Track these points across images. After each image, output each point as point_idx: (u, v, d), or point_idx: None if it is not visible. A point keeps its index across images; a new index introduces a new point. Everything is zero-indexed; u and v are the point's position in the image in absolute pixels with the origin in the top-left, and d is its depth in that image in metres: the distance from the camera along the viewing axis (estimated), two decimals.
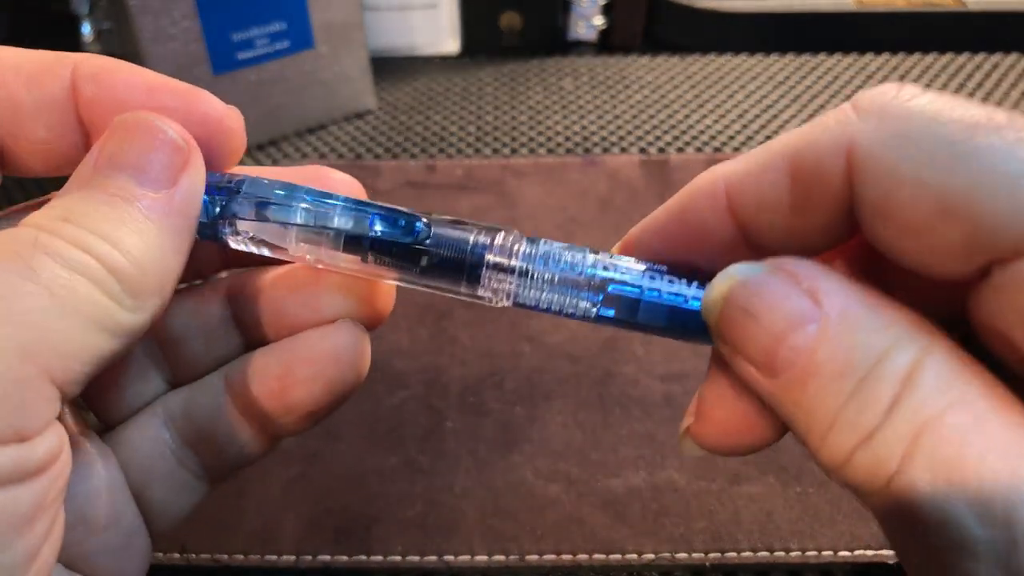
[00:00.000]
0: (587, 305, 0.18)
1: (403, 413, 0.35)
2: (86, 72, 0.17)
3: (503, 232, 0.18)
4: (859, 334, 0.15)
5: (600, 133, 0.53)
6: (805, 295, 0.15)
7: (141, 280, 0.15)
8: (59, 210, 0.15)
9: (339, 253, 0.18)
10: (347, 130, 0.54)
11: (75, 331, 0.14)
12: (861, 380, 0.14)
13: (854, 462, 0.14)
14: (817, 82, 0.58)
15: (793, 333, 0.15)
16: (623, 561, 0.29)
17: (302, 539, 0.30)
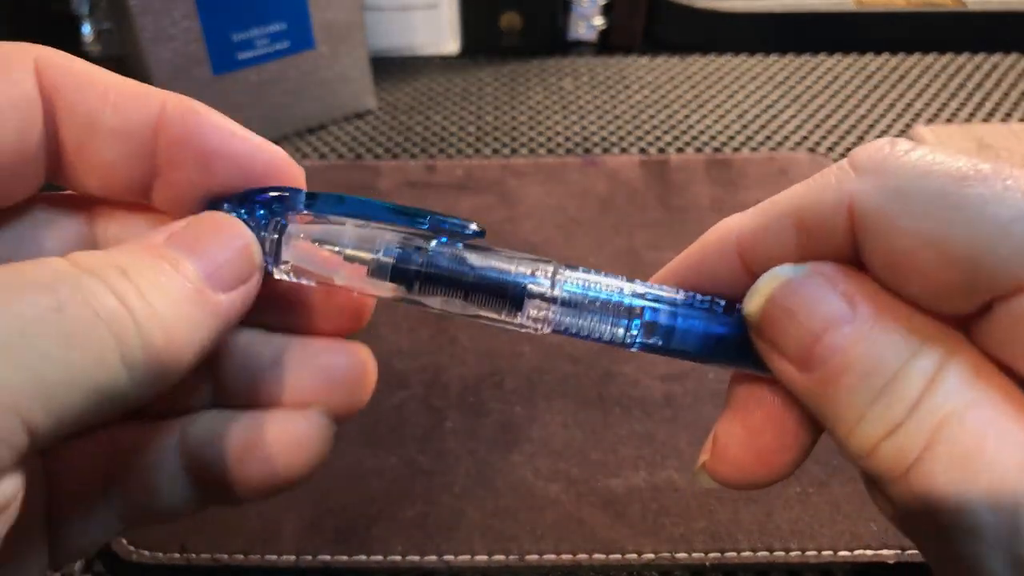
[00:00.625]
0: (623, 332, 0.19)
1: (403, 413, 0.35)
2: (175, 111, 0.18)
3: (544, 263, 0.19)
4: (889, 337, 0.16)
5: (600, 133, 0.53)
6: (842, 298, 0.17)
7: (161, 356, 0.15)
8: (118, 259, 0.15)
9: (386, 283, 0.18)
10: (347, 130, 0.54)
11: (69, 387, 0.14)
12: (890, 379, 0.16)
13: (879, 452, 0.16)
14: (817, 82, 0.58)
15: (830, 332, 0.16)
16: (623, 561, 0.29)
17: (302, 539, 0.30)
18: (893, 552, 0.29)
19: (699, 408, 0.34)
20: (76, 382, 0.14)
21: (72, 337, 0.14)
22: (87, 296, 0.14)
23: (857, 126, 0.53)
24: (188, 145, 0.18)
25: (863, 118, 0.54)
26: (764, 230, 0.18)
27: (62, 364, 0.13)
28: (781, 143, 0.51)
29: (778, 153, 0.50)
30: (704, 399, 0.35)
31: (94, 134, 0.17)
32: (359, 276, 0.18)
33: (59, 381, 0.13)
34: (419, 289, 0.18)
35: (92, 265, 0.15)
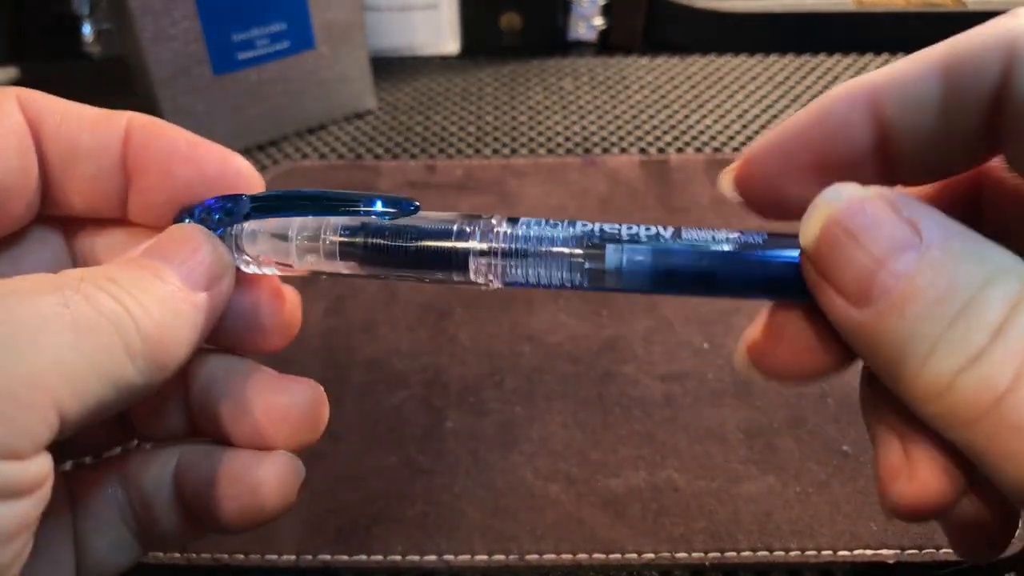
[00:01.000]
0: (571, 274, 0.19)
1: (403, 413, 0.35)
2: (138, 124, 0.20)
3: (484, 218, 0.20)
4: (961, 263, 0.14)
5: (600, 133, 0.53)
6: (906, 223, 0.15)
7: (158, 347, 0.17)
8: (104, 271, 0.17)
9: (337, 261, 0.20)
10: (347, 130, 0.54)
11: (87, 373, 0.15)
12: (965, 304, 0.14)
13: (958, 384, 0.14)
14: (817, 82, 0.58)
15: (894, 257, 0.15)
16: (623, 561, 0.29)
17: (302, 539, 0.30)
18: (893, 552, 0.29)
19: (699, 408, 0.34)
20: (92, 369, 0.15)
21: (82, 330, 0.15)
22: (87, 297, 0.16)
23: None
24: (149, 151, 0.20)
25: None
26: (904, 76, 0.16)
27: (79, 352, 0.15)
28: None
29: None
30: (704, 399, 0.35)
31: (75, 156, 0.20)
32: (314, 259, 0.20)
33: (79, 367, 0.15)
34: (370, 262, 0.20)
35: (84, 275, 0.16)
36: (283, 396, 0.20)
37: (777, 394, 0.35)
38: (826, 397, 0.35)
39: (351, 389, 0.36)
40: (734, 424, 0.34)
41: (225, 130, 0.50)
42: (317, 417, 0.21)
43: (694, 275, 0.18)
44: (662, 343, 0.37)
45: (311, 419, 0.21)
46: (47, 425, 0.14)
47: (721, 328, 0.38)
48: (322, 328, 0.39)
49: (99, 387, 0.15)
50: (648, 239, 0.19)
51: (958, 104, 0.16)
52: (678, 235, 0.19)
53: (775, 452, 0.33)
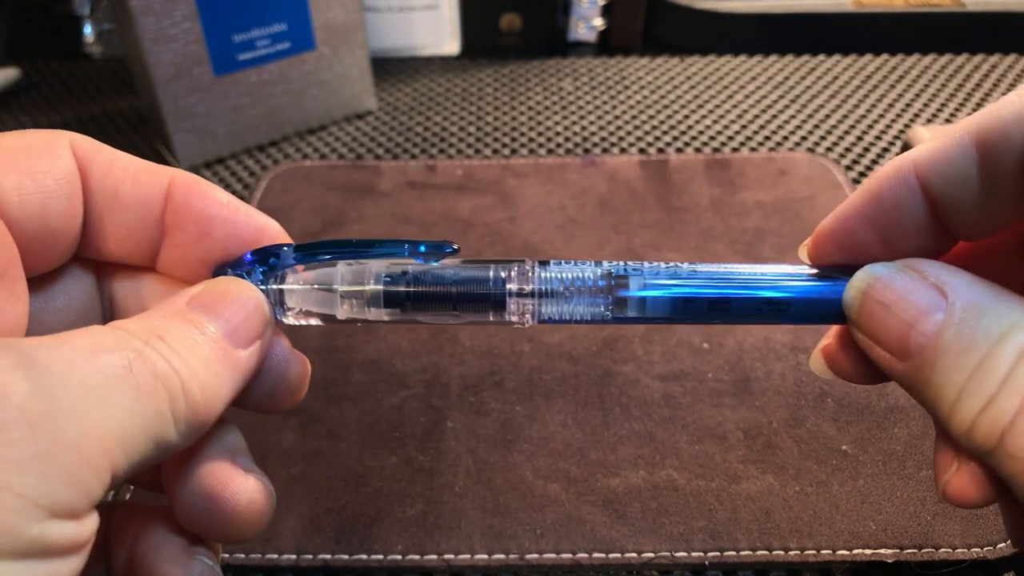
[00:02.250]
0: (601, 309, 0.21)
1: (403, 413, 0.35)
2: (181, 182, 0.21)
3: (518, 263, 0.21)
4: (981, 319, 0.17)
5: (600, 134, 0.53)
6: (932, 288, 0.18)
7: (199, 409, 0.17)
8: (154, 326, 0.17)
9: (381, 309, 0.21)
10: (347, 130, 0.54)
11: (140, 434, 0.16)
12: (983, 356, 0.17)
13: (977, 425, 0.17)
14: (816, 83, 0.58)
15: (923, 320, 0.18)
16: (623, 560, 0.29)
17: (303, 538, 0.30)
18: (892, 551, 0.29)
19: (698, 408, 0.34)
20: (144, 431, 0.16)
21: (140, 392, 0.16)
22: (146, 359, 0.16)
23: (856, 126, 0.53)
24: (190, 209, 0.20)
25: (862, 118, 0.54)
26: (944, 152, 0.19)
27: (135, 415, 0.15)
28: (780, 143, 0.52)
29: (777, 153, 0.50)
30: (703, 399, 0.35)
31: (116, 204, 0.20)
32: (357, 308, 0.21)
33: (134, 429, 0.15)
34: (411, 308, 0.21)
35: (137, 331, 0.17)
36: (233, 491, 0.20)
37: (776, 394, 0.35)
38: (826, 397, 0.35)
39: (351, 389, 0.36)
40: (734, 424, 0.34)
41: (225, 130, 0.50)
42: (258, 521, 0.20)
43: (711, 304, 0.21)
44: (662, 343, 0.37)
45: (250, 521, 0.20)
46: (103, 484, 0.15)
47: (720, 328, 0.38)
48: (322, 328, 0.39)
49: (145, 446, 0.16)
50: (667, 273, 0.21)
51: (996, 170, 0.18)
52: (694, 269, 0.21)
53: (774, 452, 0.33)
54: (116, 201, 0.20)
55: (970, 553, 0.29)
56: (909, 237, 0.20)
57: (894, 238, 0.20)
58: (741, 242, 0.43)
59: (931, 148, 0.19)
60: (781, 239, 0.43)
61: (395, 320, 0.21)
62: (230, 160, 0.51)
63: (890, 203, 0.19)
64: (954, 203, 0.19)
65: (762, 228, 0.44)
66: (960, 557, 0.29)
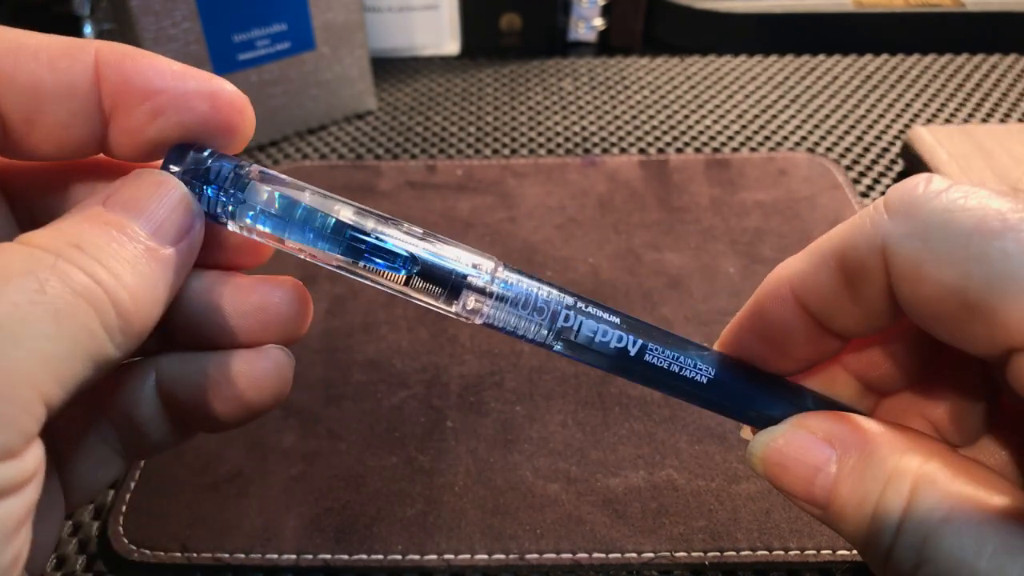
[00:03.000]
0: (546, 333, 0.20)
1: (403, 413, 0.35)
2: (109, 58, 0.18)
3: (487, 258, 0.20)
4: (868, 468, 0.18)
5: (600, 134, 0.53)
6: (822, 442, 0.19)
7: (133, 317, 0.16)
8: (69, 236, 0.16)
9: (332, 254, 0.19)
10: (347, 130, 0.54)
11: (69, 358, 0.15)
12: (875, 506, 0.17)
13: (888, 566, 0.17)
14: (816, 82, 0.58)
15: (818, 476, 0.19)
16: (623, 560, 0.29)
17: (302, 538, 0.30)
18: None
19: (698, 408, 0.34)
20: (72, 352, 0.15)
21: (60, 314, 0.15)
22: (61, 276, 0.15)
23: (856, 126, 0.53)
24: (129, 88, 0.18)
25: (862, 118, 0.54)
26: (813, 275, 0.19)
27: (59, 339, 0.15)
28: (780, 143, 0.52)
29: (777, 153, 0.50)
30: None
31: (40, 98, 0.17)
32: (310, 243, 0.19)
33: (59, 354, 0.15)
34: (364, 265, 0.19)
35: (49, 245, 0.16)
36: (273, 293, 0.20)
37: None
38: None
39: (351, 389, 0.36)
40: (734, 424, 0.34)
41: None
42: (304, 308, 0.21)
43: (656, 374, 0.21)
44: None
45: (299, 311, 0.20)
46: (35, 418, 0.14)
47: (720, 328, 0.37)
48: (322, 328, 0.39)
49: (80, 368, 0.15)
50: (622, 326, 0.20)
51: (860, 293, 0.18)
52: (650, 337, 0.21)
53: None
54: (38, 95, 0.17)
55: None
56: (801, 346, 0.20)
57: (786, 348, 0.20)
58: (741, 242, 0.43)
59: (802, 267, 0.19)
60: (781, 239, 0.43)
61: (342, 267, 0.20)
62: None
63: (774, 320, 0.20)
64: (831, 316, 0.19)
65: (762, 228, 0.43)
66: None
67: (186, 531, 0.30)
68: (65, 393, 0.15)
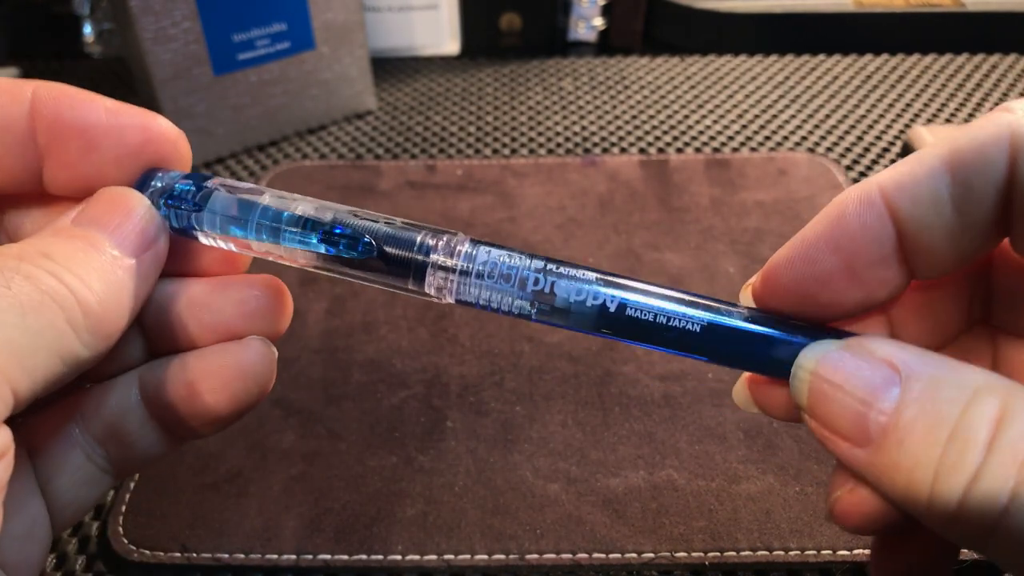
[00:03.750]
0: (525, 305, 0.19)
1: (403, 413, 0.35)
2: (46, 96, 0.19)
3: (448, 235, 0.20)
4: (942, 389, 0.16)
5: (600, 133, 0.53)
6: (883, 363, 0.17)
7: (101, 320, 0.17)
8: (38, 247, 0.17)
9: (297, 250, 0.20)
10: (347, 130, 0.54)
11: (36, 351, 0.15)
12: (954, 427, 0.15)
13: (967, 502, 0.15)
14: (816, 82, 0.58)
15: (879, 396, 0.16)
16: (623, 560, 0.29)
17: (302, 538, 0.30)
18: None
19: (698, 408, 0.34)
20: (39, 345, 0.16)
21: (25, 308, 0.15)
22: (26, 276, 0.16)
23: (856, 126, 0.53)
24: (65, 127, 0.19)
25: (862, 118, 0.54)
26: (914, 175, 0.17)
27: (24, 330, 0.15)
28: (781, 143, 0.52)
29: (777, 153, 0.50)
30: (703, 398, 0.35)
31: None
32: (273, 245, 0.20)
33: (26, 345, 0.15)
34: (330, 258, 0.20)
35: (17, 254, 0.16)
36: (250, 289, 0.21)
37: None
38: None
39: (351, 389, 0.36)
40: (734, 424, 0.34)
41: (225, 130, 0.50)
42: (282, 301, 0.21)
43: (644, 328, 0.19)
44: None
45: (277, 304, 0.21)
46: (3, 401, 0.15)
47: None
48: (322, 328, 0.39)
49: (48, 362, 0.16)
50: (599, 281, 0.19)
51: (968, 198, 0.17)
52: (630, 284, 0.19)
53: (775, 452, 0.33)
54: None
55: (970, 553, 0.29)
56: (873, 267, 0.18)
57: (858, 268, 0.18)
58: (741, 242, 0.43)
59: (899, 172, 0.18)
60: (781, 239, 0.43)
61: (312, 265, 0.20)
62: (230, 160, 0.51)
63: (855, 228, 0.18)
64: (923, 229, 0.18)
65: (762, 228, 0.43)
66: (960, 557, 0.29)
67: (186, 531, 0.30)
68: (34, 385, 0.15)
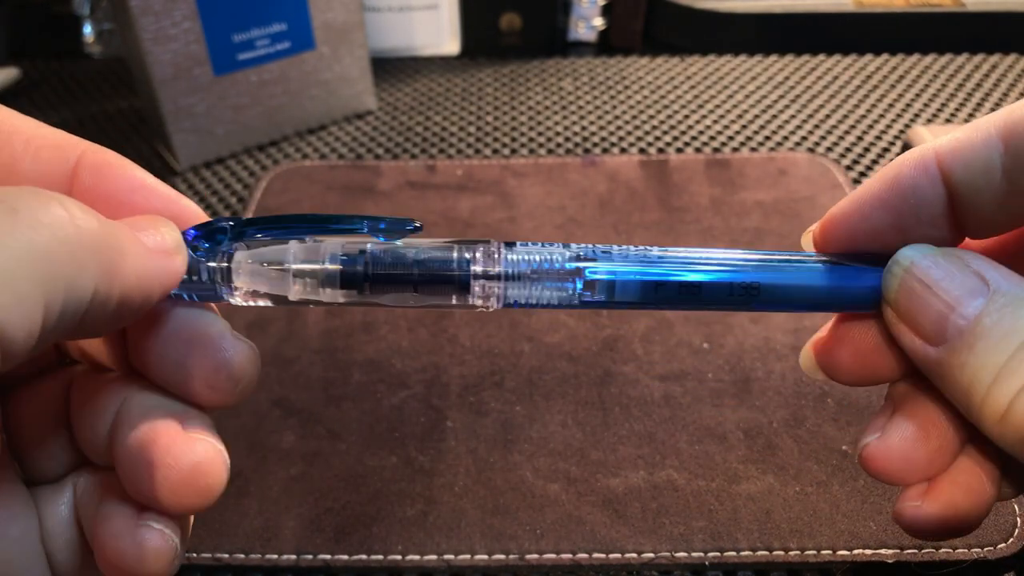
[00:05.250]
0: (569, 293, 0.20)
1: (403, 413, 0.35)
2: (91, 162, 0.18)
3: (483, 244, 0.20)
4: (1022, 308, 0.17)
5: (600, 133, 0.53)
6: (974, 275, 0.18)
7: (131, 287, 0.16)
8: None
9: (337, 290, 0.19)
10: (347, 130, 0.54)
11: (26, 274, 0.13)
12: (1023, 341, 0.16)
13: (1014, 408, 0.16)
14: (817, 82, 0.58)
15: (964, 303, 0.17)
16: (623, 560, 0.29)
17: (302, 538, 0.30)
18: (892, 551, 0.29)
19: (698, 408, 0.34)
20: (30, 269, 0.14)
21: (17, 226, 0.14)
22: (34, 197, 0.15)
23: (856, 126, 0.53)
24: (99, 192, 0.18)
25: (862, 118, 0.54)
26: (969, 142, 0.18)
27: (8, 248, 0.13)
28: (781, 143, 0.52)
29: (777, 153, 0.50)
30: (703, 398, 0.35)
31: (11, 179, 0.18)
32: (310, 288, 0.19)
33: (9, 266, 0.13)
34: (369, 291, 0.19)
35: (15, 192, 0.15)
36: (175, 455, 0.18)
37: (777, 394, 0.35)
38: (826, 397, 0.35)
39: (351, 389, 0.36)
40: (734, 424, 0.34)
41: (225, 130, 0.50)
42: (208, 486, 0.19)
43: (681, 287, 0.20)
44: (662, 343, 0.37)
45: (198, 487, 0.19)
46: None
47: (720, 328, 0.38)
48: (322, 328, 0.39)
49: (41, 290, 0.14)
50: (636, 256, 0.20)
51: (1018, 167, 0.18)
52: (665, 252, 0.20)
53: (775, 452, 0.33)
54: (12, 177, 0.18)
55: (970, 553, 0.29)
56: (923, 227, 0.19)
57: (908, 226, 0.20)
58: (741, 242, 0.43)
59: (955, 138, 0.19)
60: (781, 239, 0.43)
61: (351, 302, 0.20)
62: (230, 160, 0.51)
63: (909, 189, 0.19)
64: (974, 194, 0.19)
65: (762, 228, 0.43)
66: (960, 557, 0.29)
67: None
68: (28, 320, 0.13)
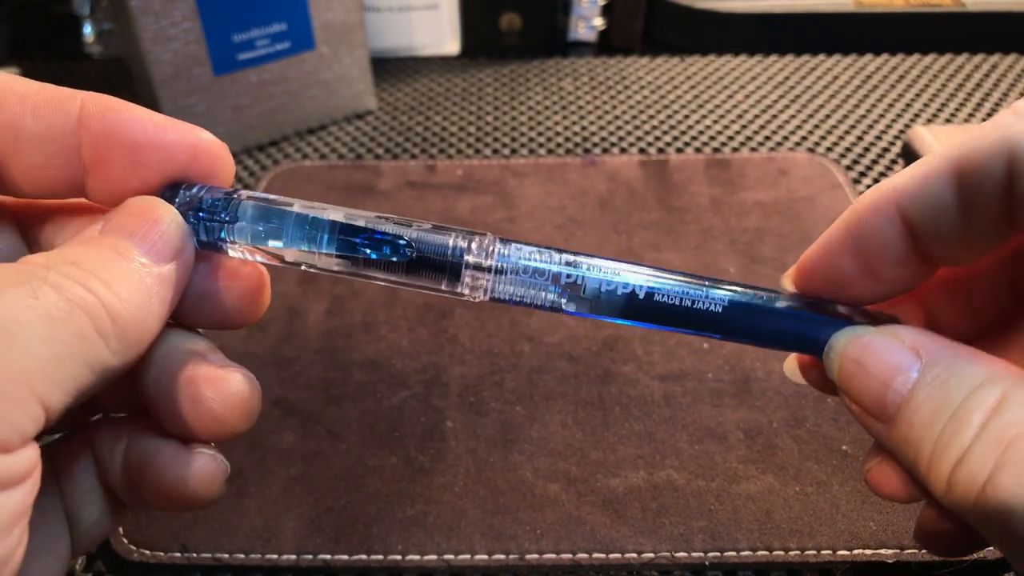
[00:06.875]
0: (554, 298, 0.21)
1: (403, 413, 0.35)
2: (93, 109, 0.19)
3: (480, 236, 0.20)
4: (953, 376, 0.17)
5: (600, 133, 0.53)
6: (907, 349, 0.18)
7: (130, 327, 0.17)
8: (65, 255, 0.17)
9: (332, 259, 0.20)
10: (347, 130, 0.54)
11: (65, 361, 0.15)
12: (955, 410, 0.17)
13: (953, 480, 0.17)
14: (817, 82, 0.58)
15: (897, 378, 0.18)
16: (623, 560, 0.29)
17: (302, 538, 0.30)
18: (892, 551, 0.29)
19: (698, 408, 0.34)
20: (69, 356, 0.15)
21: (54, 319, 0.15)
22: (54, 285, 0.16)
23: (856, 126, 0.53)
24: (111, 141, 0.19)
25: (862, 118, 0.54)
26: (922, 183, 0.19)
27: (53, 342, 0.15)
28: (781, 143, 0.51)
29: (778, 153, 0.50)
30: (703, 398, 0.35)
31: (18, 140, 0.18)
32: (308, 252, 0.20)
33: (54, 356, 0.15)
34: (363, 263, 0.20)
35: (44, 263, 0.16)
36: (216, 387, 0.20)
37: (777, 394, 0.35)
38: (826, 397, 0.35)
39: (351, 389, 0.36)
40: (734, 424, 0.34)
41: (225, 130, 0.50)
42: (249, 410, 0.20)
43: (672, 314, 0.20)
44: (662, 343, 0.37)
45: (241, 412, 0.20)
46: (31, 418, 0.15)
47: None
48: (322, 328, 0.39)
49: (77, 372, 0.16)
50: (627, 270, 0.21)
51: (972, 201, 0.18)
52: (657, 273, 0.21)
53: (775, 452, 0.33)
54: (17, 139, 0.18)
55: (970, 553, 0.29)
56: (891, 267, 0.20)
57: (876, 269, 0.20)
58: (741, 242, 0.43)
59: (909, 178, 0.19)
60: (781, 239, 0.43)
61: (343, 271, 0.20)
62: None
63: (870, 234, 0.20)
64: (934, 233, 0.19)
65: (762, 228, 0.43)
66: (960, 557, 0.29)
67: (186, 531, 0.30)
68: (64, 396, 0.15)
